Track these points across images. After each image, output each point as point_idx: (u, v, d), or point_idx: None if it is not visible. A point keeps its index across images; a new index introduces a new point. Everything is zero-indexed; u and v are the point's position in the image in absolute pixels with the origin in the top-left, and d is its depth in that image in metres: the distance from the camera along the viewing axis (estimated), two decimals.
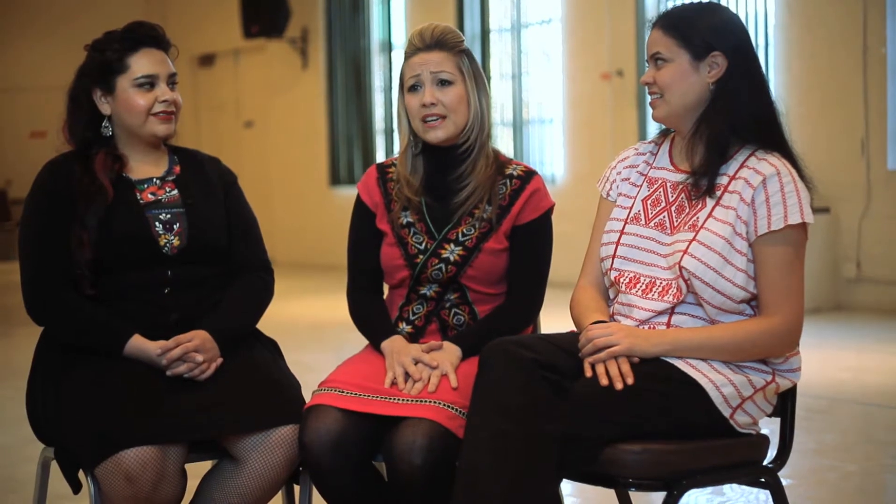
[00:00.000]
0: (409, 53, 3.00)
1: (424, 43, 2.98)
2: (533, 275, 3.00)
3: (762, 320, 2.63)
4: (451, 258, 2.95)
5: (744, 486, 3.75)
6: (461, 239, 2.96)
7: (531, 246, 2.98)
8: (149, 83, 2.98)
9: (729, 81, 2.68)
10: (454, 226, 2.98)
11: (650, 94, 2.75)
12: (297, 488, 2.95)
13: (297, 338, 7.59)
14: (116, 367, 2.82)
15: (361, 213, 3.09)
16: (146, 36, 3.00)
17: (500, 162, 3.03)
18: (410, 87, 2.98)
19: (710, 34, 2.69)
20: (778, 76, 8.75)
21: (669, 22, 2.72)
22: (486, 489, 2.46)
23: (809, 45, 8.61)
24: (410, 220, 3.01)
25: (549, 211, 3.01)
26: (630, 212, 2.80)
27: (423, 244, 2.98)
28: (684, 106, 2.72)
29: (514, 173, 3.01)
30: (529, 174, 3.01)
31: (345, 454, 2.73)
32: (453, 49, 2.98)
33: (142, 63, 2.98)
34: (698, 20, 2.71)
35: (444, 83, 2.96)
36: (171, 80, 3.02)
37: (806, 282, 2.68)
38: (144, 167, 3.04)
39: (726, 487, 4.05)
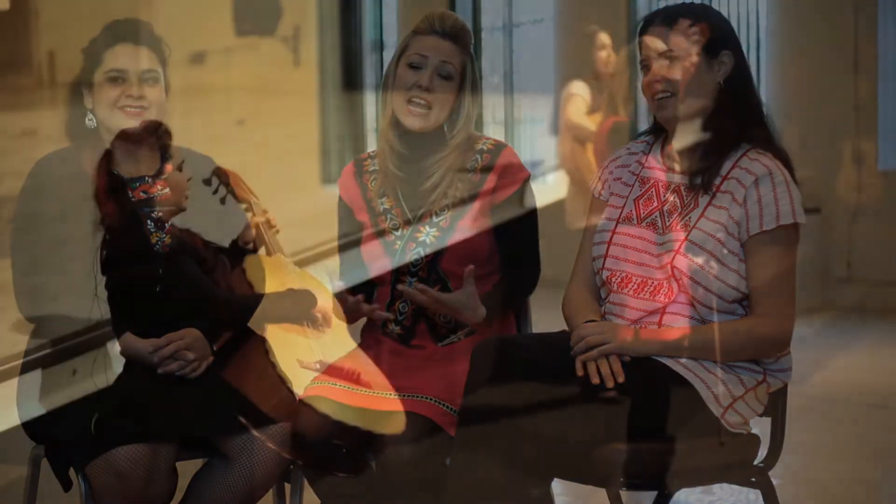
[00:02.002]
0: (425, 31, 2.94)
1: (444, 29, 2.93)
2: (527, 248, 2.95)
3: (753, 320, 2.63)
4: (428, 240, 2.92)
5: (734, 486, 3.75)
6: (435, 220, 2.94)
7: (517, 220, 2.93)
8: (120, 77, 2.98)
9: (735, 81, 2.68)
10: (428, 207, 2.95)
11: (660, 91, 2.71)
12: (287, 487, 2.95)
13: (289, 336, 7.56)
14: None
15: (342, 208, 3.11)
16: (124, 31, 3.01)
17: (470, 138, 2.97)
18: (412, 63, 2.93)
19: (719, 32, 2.68)
20: (770, 76, 8.75)
21: (679, 20, 2.69)
22: (477, 487, 2.46)
23: (801, 45, 8.61)
24: (386, 206, 2.99)
25: (527, 181, 2.95)
26: (622, 211, 2.80)
27: (400, 230, 2.96)
28: (698, 104, 2.70)
29: (484, 148, 2.96)
30: (499, 147, 2.96)
31: (337, 445, 2.73)
32: (464, 48, 2.96)
33: (114, 57, 2.98)
34: (706, 18, 2.70)
35: (444, 76, 2.93)
36: (146, 77, 3.00)
37: (796, 281, 2.68)
38: (136, 165, 3.04)
39: (716, 487, 4.05)
